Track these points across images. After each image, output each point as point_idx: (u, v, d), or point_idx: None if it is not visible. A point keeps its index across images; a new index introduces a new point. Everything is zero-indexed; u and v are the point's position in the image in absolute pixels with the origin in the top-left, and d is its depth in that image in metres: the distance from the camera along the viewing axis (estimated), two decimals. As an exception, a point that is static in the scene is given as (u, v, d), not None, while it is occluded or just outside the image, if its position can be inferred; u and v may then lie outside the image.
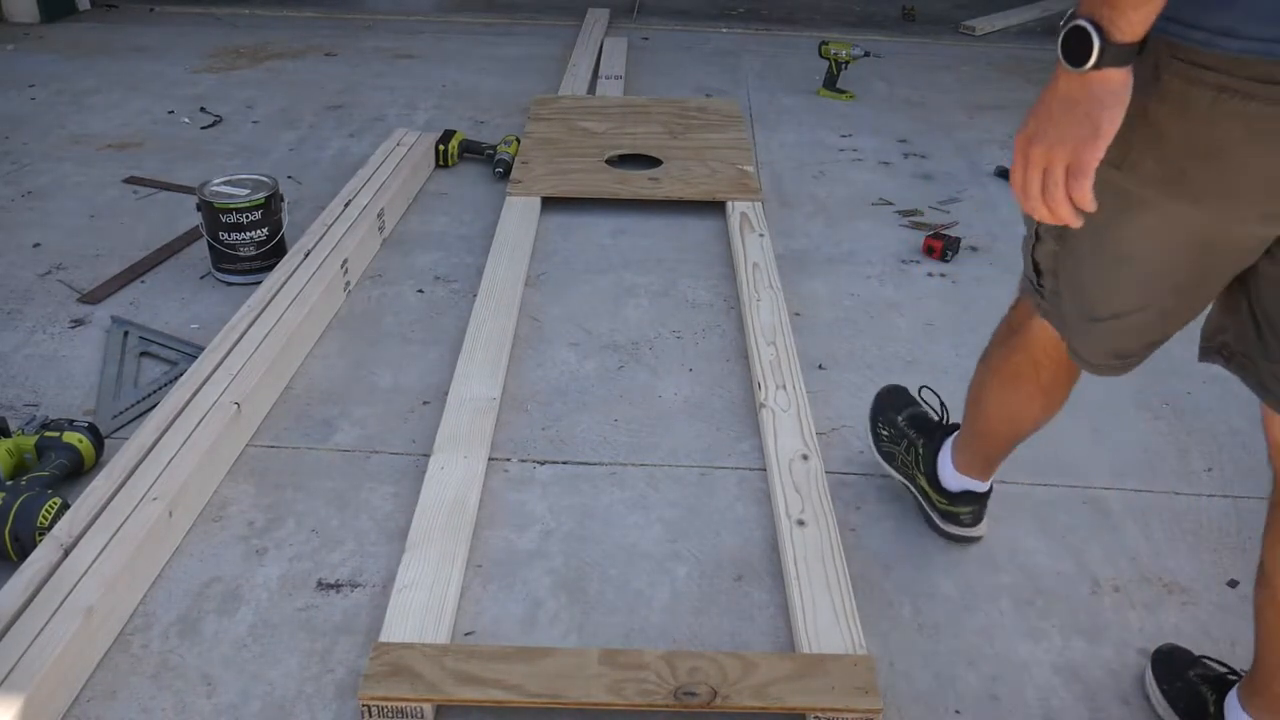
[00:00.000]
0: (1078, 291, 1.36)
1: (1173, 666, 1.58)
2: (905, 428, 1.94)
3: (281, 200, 2.70)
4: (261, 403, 2.14)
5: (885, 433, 1.97)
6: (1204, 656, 1.58)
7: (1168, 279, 1.27)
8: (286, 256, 2.56)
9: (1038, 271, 1.42)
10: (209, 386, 2.04)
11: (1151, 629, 1.69)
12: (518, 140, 3.40)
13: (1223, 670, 1.56)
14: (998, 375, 1.65)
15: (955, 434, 1.84)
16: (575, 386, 2.27)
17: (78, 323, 2.46)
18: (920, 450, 1.89)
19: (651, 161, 3.30)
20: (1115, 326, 1.37)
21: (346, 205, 2.82)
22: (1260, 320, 1.26)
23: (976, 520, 1.86)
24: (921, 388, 2.03)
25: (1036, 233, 1.39)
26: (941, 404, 1.97)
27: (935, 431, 1.90)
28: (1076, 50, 1.03)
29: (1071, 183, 1.09)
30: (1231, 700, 1.47)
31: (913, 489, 1.92)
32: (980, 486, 1.82)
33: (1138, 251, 1.24)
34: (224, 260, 2.63)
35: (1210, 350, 1.41)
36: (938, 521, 1.87)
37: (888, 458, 1.96)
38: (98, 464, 1.96)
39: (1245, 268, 1.22)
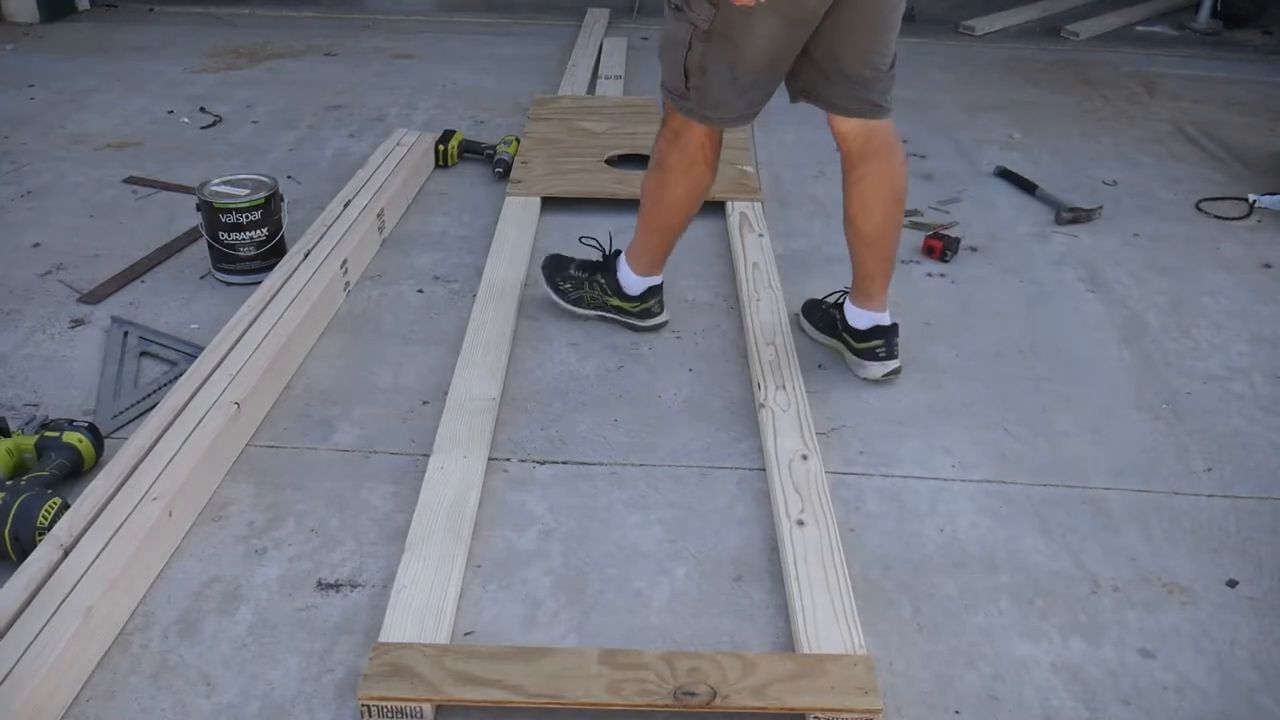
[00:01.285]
0: (726, 72, 2.00)
1: (813, 306, 2.44)
2: (578, 273, 2.45)
3: (281, 200, 2.70)
4: (261, 403, 2.14)
5: (566, 286, 2.45)
6: (829, 295, 2.41)
7: (779, 50, 1.99)
8: (286, 256, 2.56)
9: (686, 75, 2.03)
10: (209, 386, 2.04)
11: (1151, 629, 1.69)
12: (517, 140, 3.40)
13: (838, 294, 2.38)
14: (677, 169, 2.19)
15: (623, 253, 2.39)
16: (575, 386, 2.27)
17: (77, 323, 2.46)
18: (602, 280, 2.41)
19: (651, 161, 3.30)
20: (752, 90, 2.06)
21: (346, 205, 2.82)
22: (821, 62, 2.03)
23: (662, 306, 2.44)
24: (581, 238, 2.57)
25: (689, 43, 1.99)
26: (601, 246, 2.48)
27: (605, 263, 2.43)
28: None
29: None
30: (847, 305, 2.31)
31: (606, 313, 2.44)
32: (658, 278, 2.40)
33: (762, 38, 1.95)
34: (224, 260, 2.63)
35: (796, 93, 2.13)
36: (638, 324, 2.43)
37: (577, 302, 2.45)
38: (97, 464, 1.96)
39: (811, 31, 1.96)
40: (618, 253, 2.42)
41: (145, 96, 3.97)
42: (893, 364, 2.27)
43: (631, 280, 2.38)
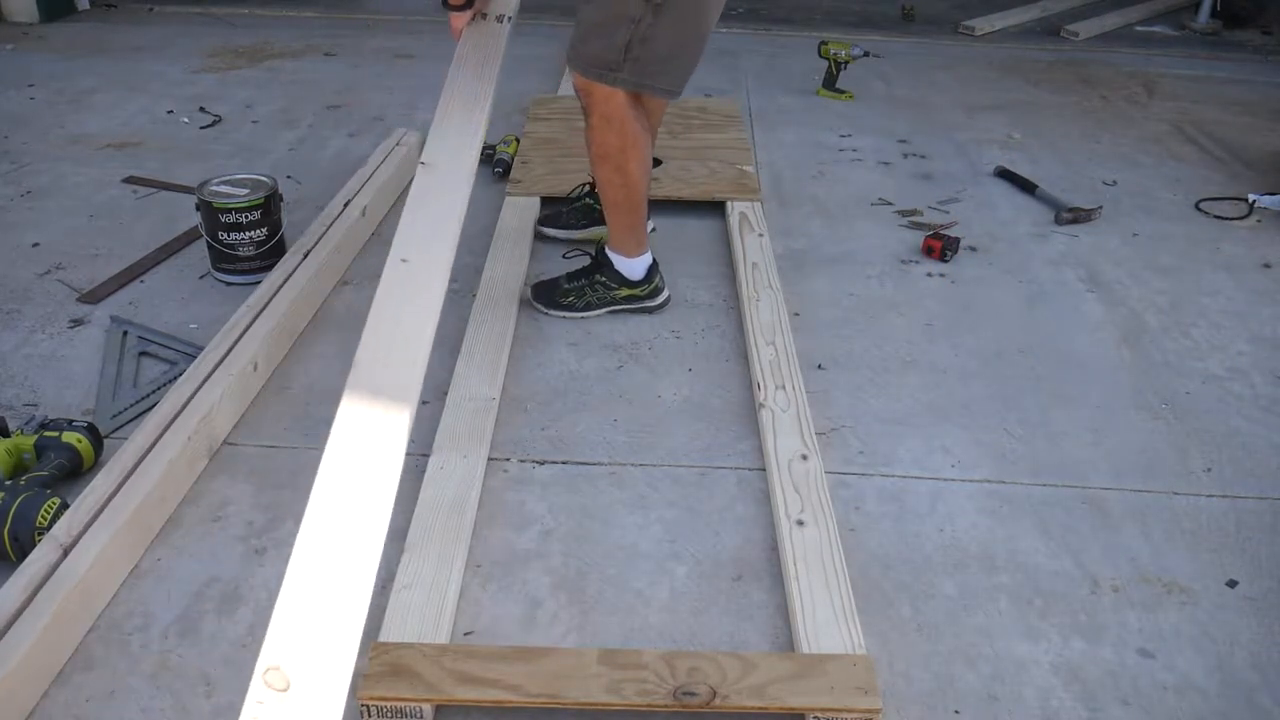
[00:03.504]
0: (672, 43, 2.14)
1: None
2: (573, 283, 2.48)
3: (281, 200, 2.70)
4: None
5: (569, 299, 2.48)
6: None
7: (711, 24, 2.19)
8: (286, 256, 2.56)
9: (627, 49, 2.12)
10: (208, 386, 2.04)
11: (1151, 629, 1.69)
12: (517, 140, 3.40)
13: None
14: (633, 147, 2.26)
15: (608, 249, 2.45)
16: (574, 386, 2.27)
17: (77, 322, 2.46)
18: (602, 279, 2.45)
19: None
20: (693, 60, 2.21)
21: (346, 205, 2.82)
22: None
23: (664, 280, 2.52)
24: (565, 254, 2.64)
25: (639, 17, 2.09)
26: (587, 251, 2.54)
27: (595, 261, 2.48)
28: None
29: None
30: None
31: (618, 306, 2.48)
32: (649, 254, 2.47)
33: (707, 13, 2.17)
34: (223, 260, 2.63)
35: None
36: (651, 304, 2.49)
37: (586, 308, 2.47)
38: (97, 464, 1.95)
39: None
40: (603, 249, 2.49)
41: (145, 96, 3.97)
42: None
43: (633, 265, 2.46)
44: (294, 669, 1.18)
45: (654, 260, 2.49)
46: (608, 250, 2.47)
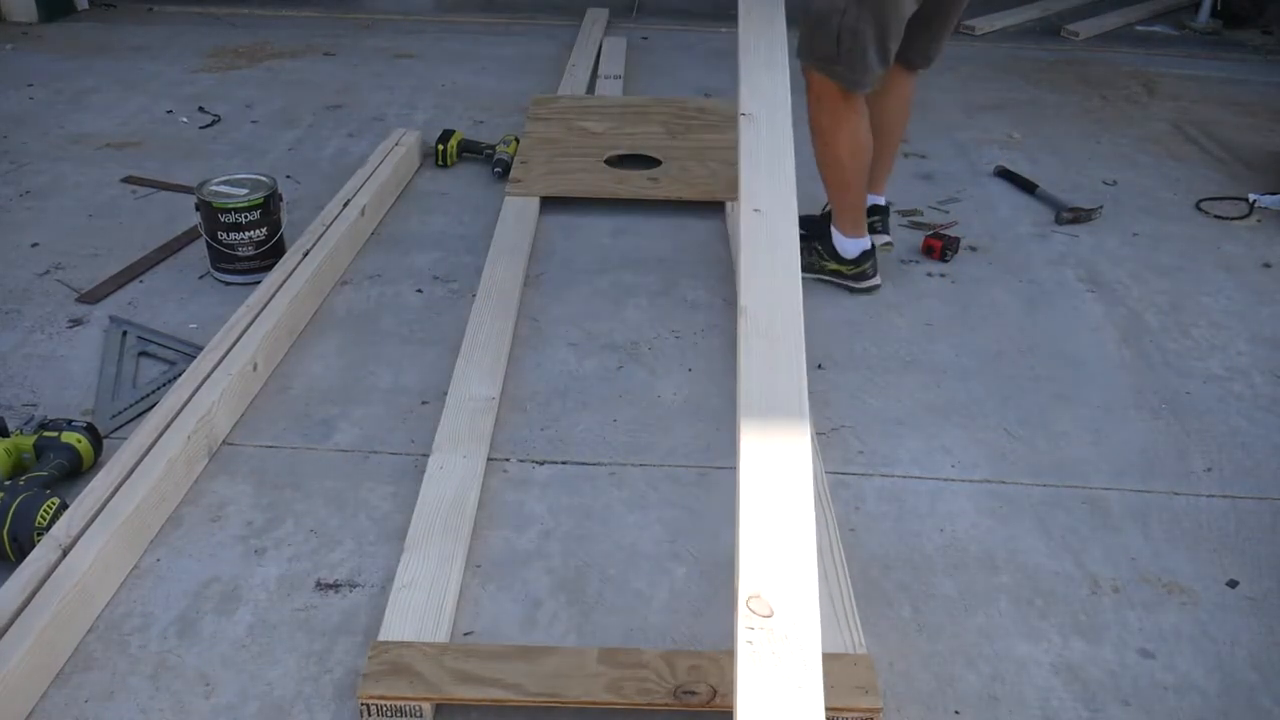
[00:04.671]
0: (874, 37, 2.27)
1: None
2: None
3: (280, 200, 2.70)
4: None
5: None
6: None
7: (906, 11, 2.29)
8: (285, 256, 2.56)
9: (839, 40, 2.28)
10: (207, 386, 2.03)
11: (1151, 629, 1.69)
12: (517, 140, 3.40)
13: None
14: (841, 128, 2.41)
15: (831, 223, 2.58)
16: (574, 386, 2.27)
17: (76, 322, 2.45)
18: (819, 247, 2.61)
19: (651, 161, 3.30)
20: (889, 49, 2.31)
21: (345, 205, 2.82)
22: (920, 26, 2.40)
23: (876, 269, 2.61)
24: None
25: (844, 8, 2.25)
26: (816, 217, 2.70)
27: (819, 226, 2.63)
28: None
29: None
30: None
31: (823, 277, 2.62)
32: (867, 240, 2.58)
33: (905, 4, 2.28)
34: (222, 260, 2.63)
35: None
36: (854, 286, 2.61)
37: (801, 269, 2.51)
38: (96, 464, 1.95)
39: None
40: (828, 218, 2.63)
41: (144, 96, 3.97)
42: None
43: (847, 245, 2.58)
44: (772, 596, 1.25)
45: (872, 247, 2.60)
46: (832, 223, 2.60)
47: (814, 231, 2.62)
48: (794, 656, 1.17)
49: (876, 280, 2.62)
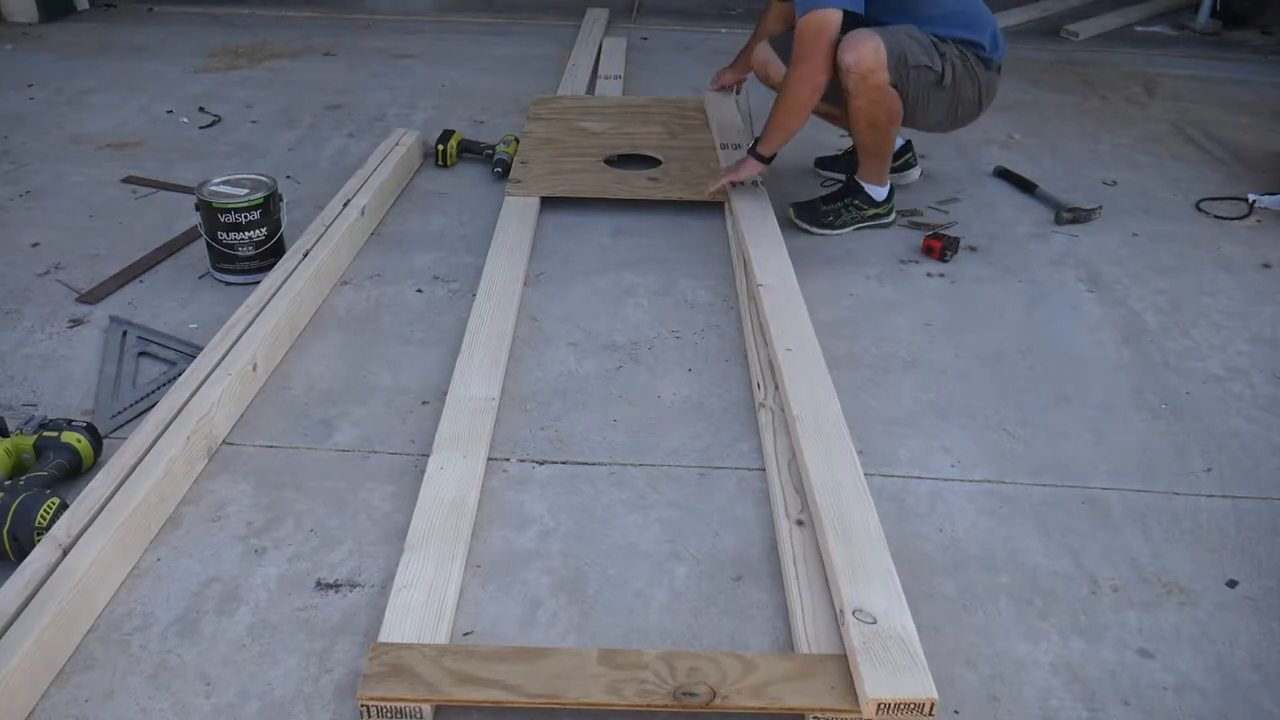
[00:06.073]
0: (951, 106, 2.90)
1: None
2: (831, 205, 3.01)
3: (280, 200, 2.70)
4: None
5: (829, 218, 3.00)
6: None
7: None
8: (285, 256, 2.56)
9: (939, 74, 2.84)
10: (207, 386, 2.03)
11: (1151, 629, 1.69)
12: (517, 140, 3.40)
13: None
14: (896, 102, 2.81)
15: (859, 179, 3.00)
16: (574, 386, 2.27)
17: (76, 322, 2.45)
18: (856, 201, 3.01)
19: (651, 161, 3.30)
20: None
21: (345, 205, 2.82)
22: None
23: (893, 201, 3.09)
24: (823, 183, 3.36)
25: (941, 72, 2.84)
26: (836, 177, 3.32)
27: (848, 187, 3.04)
28: None
29: None
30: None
31: (864, 224, 3.03)
32: (889, 184, 3.05)
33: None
34: (223, 260, 2.63)
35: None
36: (887, 221, 3.06)
37: (843, 225, 3.02)
38: (96, 464, 1.95)
39: None
40: (853, 179, 3.02)
41: (144, 96, 3.97)
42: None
43: (877, 190, 3.02)
44: (870, 607, 1.59)
45: (891, 187, 3.05)
46: (859, 179, 3.00)
47: (850, 189, 3.02)
48: (901, 649, 1.52)
49: (896, 213, 3.11)
